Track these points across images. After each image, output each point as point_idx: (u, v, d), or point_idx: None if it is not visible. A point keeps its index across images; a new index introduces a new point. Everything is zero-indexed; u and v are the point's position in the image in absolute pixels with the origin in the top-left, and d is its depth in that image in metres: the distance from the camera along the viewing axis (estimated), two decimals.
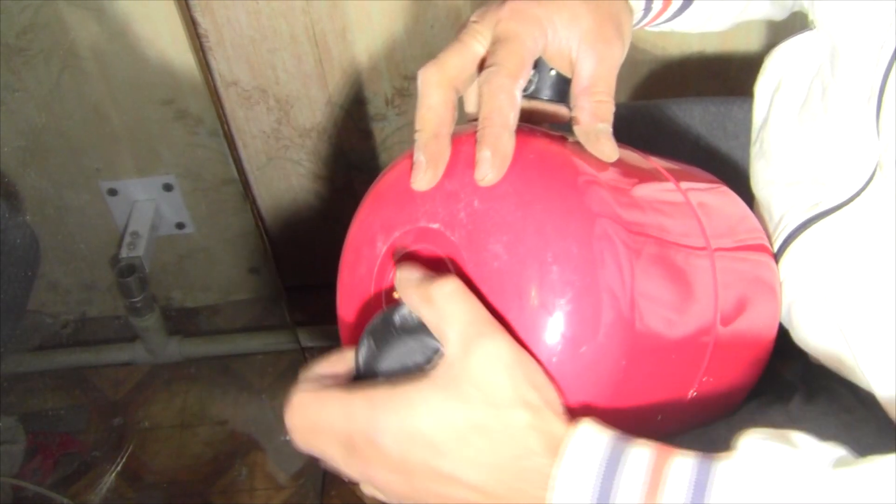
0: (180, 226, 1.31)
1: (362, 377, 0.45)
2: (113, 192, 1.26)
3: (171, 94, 1.15)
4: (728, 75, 1.16)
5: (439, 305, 0.42)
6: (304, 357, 1.37)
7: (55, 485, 1.18)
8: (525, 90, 0.51)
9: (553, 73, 0.51)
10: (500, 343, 0.42)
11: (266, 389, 1.41)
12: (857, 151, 0.54)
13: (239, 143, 1.27)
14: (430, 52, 1.22)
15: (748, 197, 0.63)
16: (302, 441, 0.44)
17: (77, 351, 1.39)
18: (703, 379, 0.51)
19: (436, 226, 0.47)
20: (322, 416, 0.43)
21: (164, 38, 1.10)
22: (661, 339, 0.47)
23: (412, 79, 1.18)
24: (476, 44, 0.49)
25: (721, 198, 0.60)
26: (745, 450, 0.41)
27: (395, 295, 0.47)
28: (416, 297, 0.43)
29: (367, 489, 0.46)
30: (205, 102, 1.15)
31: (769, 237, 0.61)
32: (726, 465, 0.40)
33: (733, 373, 0.55)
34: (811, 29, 0.57)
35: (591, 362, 0.44)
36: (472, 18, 0.50)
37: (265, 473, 1.32)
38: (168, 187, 1.26)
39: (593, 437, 0.41)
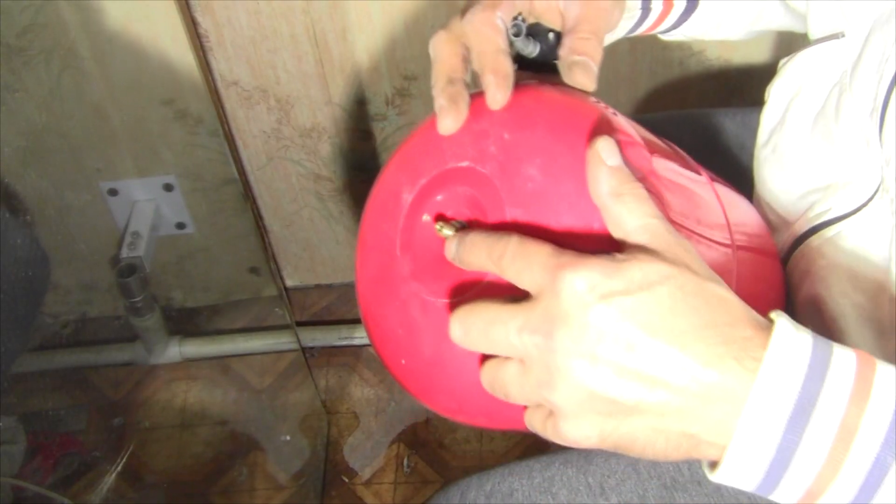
0: (180, 226, 1.31)
1: None
2: (113, 193, 1.26)
3: (171, 94, 1.15)
4: (728, 77, 1.16)
5: (628, 200, 0.41)
6: (304, 357, 1.37)
7: (55, 485, 1.18)
8: (531, 55, 0.52)
9: (552, 36, 0.53)
10: (686, 240, 0.41)
11: (266, 389, 1.41)
12: (865, 162, 0.54)
13: (239, 143, 1.27)
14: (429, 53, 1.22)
15: None
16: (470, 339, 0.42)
17: (77, 351, 1.39)
18: None
19: (465, 164, 0.47)
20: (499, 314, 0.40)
21: (164, 38, 1.10)
22: None
23: (412, 79, 1.18)
24: None
25: (740, 201, 0.60)
26: None
27: (437, 227, 0.47)
28: (606, 187, 0.41)
29: (535, 416, 0.42)
30: (205, 102, 1.15)
31: (777, 241, 0.62)
32: None
33: None
34: (838, 38, 0.57)
35: None
36: None
37: (265, 473, 1.32)
38: (168, 187, 1.26)
39: (794, 327, 0.39)
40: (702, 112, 0.81)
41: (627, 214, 0.41)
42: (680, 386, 0.38)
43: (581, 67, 0.49)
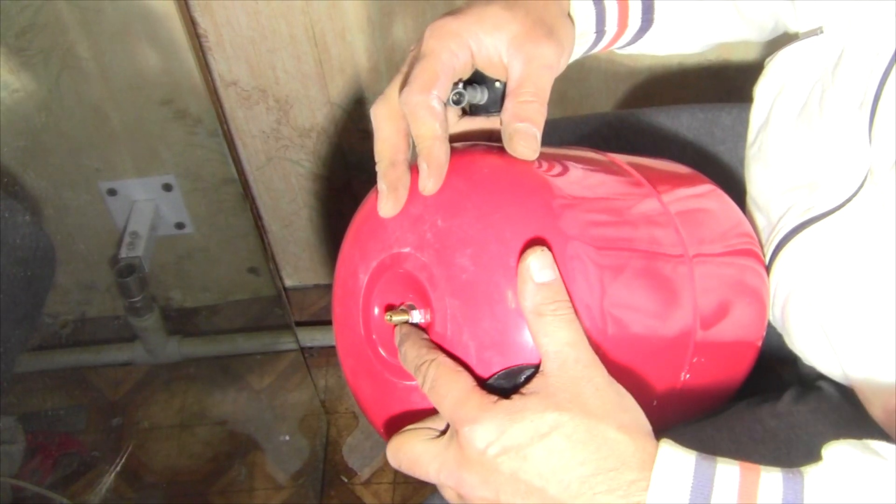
0: (180, 226, 1.32)
1: None
2: (112, 192, 1.26)
3: (170, 94, 1.16)
4: (726, 75, 1.16)
5: (547, 322, 0.44)
6: (304, 357, 1.37)
7: (55, 485, 1.18)
8: (479, 102, 0.53)
9: (498, 85, 0.53)
10: (594, 370, 0.43)
11: (266, 389, 1.41)
12: (849, 157, 0.54)
13: (238, 143, 1.27)
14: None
15: (738, 200, 0.64)
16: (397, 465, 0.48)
17: (77, 351, 1.39)
18: (685, 376, 0.52)
19: (406, 249, 0.49)
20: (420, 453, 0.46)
21: (164, 38, 1.10)
22: (638, 341, 0.48)
23: None
24: None
25: (710, 203, 0.60)
26: (831, 461, 0.41)
27: (387, 318, 0.49)
28: (530, 304, 0.44)
29: None
30: (204, 102, 1.16)
31: (762, 242, 0.62)
32: (815, 477, 0.41)
33: (716, 372, 0.56)
34: (817, 35, 0.58)
35: None
36: (411, 48, 0.53)
37: (264, 473, 1.32)
38: (167, 187, 1.26)
39: (677, 456, 0.42)
40: (698, 106, 0.81)
41: (544, 337, 0.44)
42: None
43: (521, 137, 0.49)
